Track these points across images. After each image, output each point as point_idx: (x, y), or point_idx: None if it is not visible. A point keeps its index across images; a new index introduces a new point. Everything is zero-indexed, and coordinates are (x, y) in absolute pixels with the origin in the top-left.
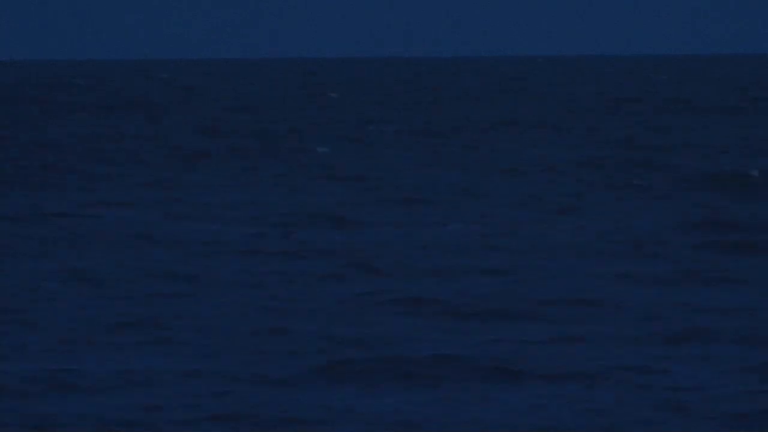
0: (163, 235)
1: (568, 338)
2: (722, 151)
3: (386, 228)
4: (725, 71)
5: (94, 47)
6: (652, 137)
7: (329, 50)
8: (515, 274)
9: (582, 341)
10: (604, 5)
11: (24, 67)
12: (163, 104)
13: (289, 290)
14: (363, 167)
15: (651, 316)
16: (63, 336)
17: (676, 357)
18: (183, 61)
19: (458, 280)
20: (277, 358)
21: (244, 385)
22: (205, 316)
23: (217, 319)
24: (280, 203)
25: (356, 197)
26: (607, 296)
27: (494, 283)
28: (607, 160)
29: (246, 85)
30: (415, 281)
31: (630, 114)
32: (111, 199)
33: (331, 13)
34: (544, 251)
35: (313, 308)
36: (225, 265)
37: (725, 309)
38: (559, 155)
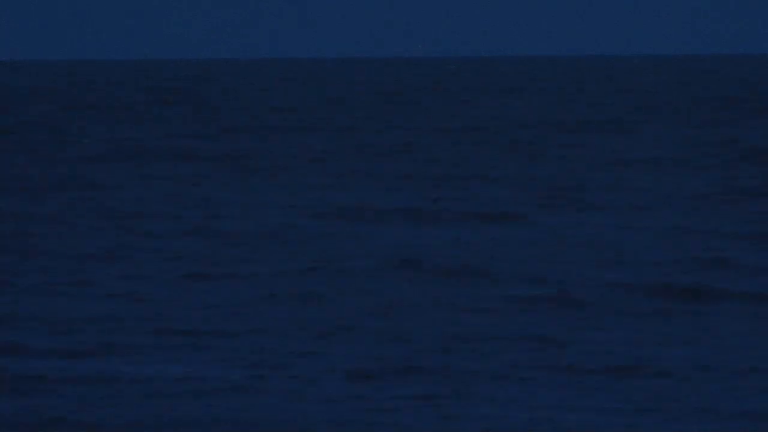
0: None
1: None
2: None
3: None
4: (727, 70)
5: (94, 47)
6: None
7: (329, 50)
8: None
9: None
10: (604, 5)
11: (24, 67)
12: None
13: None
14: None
15: None
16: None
17: None
18: (183, 61)
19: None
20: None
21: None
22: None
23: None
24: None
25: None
26: None
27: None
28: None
29: (278, 84)
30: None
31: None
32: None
33: (331, 13)
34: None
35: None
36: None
37: None
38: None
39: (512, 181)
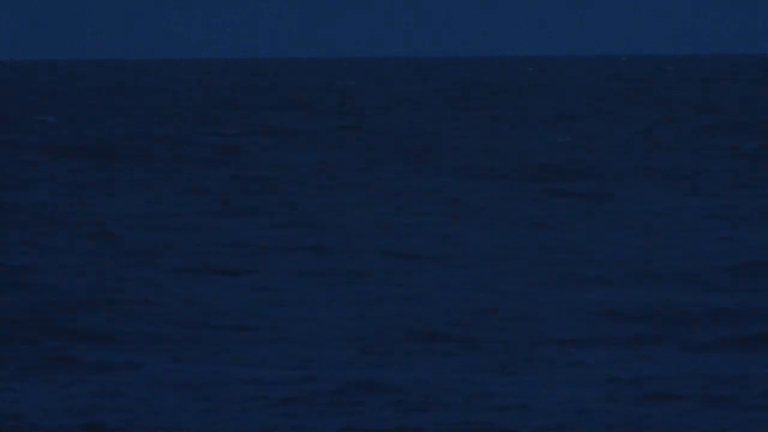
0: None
1: None
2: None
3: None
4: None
5: (94, 47)
6: None
7: (329, 50)
8: None
9: None
10: (605, 5)
11: (25, 67)
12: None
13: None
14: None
15: None
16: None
17: None
18: (183, 61)
19: None
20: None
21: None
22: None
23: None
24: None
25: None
26: None
27: None
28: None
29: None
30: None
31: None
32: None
33: (332, 13)
34: None
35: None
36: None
37: None
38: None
39: None
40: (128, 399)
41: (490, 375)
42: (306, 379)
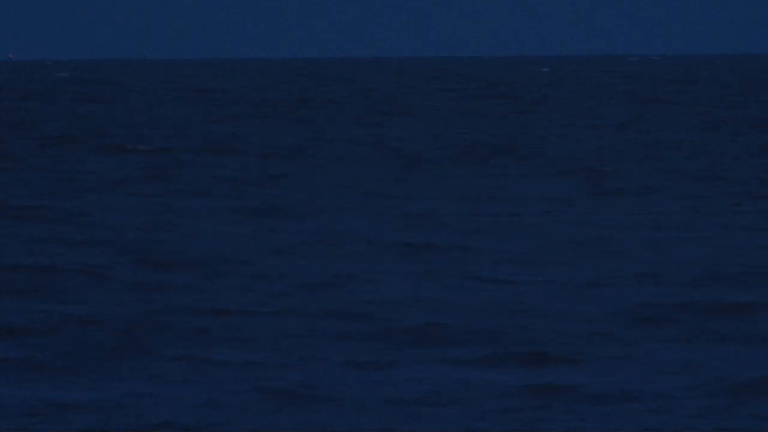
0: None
1: None
2: None
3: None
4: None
5: (94, 47)
6: None
7: (330, 50)
8: None
9: None
10: (606, 5)
11: (25, 68)
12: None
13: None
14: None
15: None
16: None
17: None
18: (182, 61)
19: None
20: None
21: None
22: None
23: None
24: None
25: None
26: None
27: None
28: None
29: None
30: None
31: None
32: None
33: (331, 13)
34: None
35: None
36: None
37: None
38: None
39: None
40: (131, 394)
41: (516, 371)
42: (315, 376)
